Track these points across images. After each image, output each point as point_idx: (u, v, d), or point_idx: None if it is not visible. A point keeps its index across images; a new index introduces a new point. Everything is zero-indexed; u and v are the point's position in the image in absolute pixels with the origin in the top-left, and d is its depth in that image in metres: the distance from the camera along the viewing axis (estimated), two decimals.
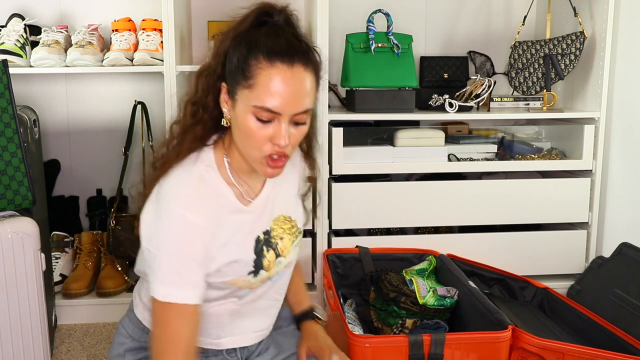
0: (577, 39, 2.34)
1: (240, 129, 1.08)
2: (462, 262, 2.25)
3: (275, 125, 1.06)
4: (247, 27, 1.08)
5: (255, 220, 1.19)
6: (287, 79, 1.03)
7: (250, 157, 1.10)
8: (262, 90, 1.03)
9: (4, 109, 1.60)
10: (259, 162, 1.10)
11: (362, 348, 1.57)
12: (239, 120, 1.07)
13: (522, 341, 1.63)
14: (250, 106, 1.04)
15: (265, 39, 1.05)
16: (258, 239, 1.18)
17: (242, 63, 1.05)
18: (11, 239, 1.52)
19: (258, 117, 1.05)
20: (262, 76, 1.03)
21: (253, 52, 1.04)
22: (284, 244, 1.22)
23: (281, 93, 1.03)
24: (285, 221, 1.24)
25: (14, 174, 1.61)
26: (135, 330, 1.26)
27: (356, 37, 2.28)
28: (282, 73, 1.03)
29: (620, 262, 2.15)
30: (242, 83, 1.05)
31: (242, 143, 1.10)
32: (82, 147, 2.54)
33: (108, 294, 2.22)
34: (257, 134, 1.06)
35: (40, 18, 2.38)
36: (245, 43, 1.06)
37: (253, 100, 1.04)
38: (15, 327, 1.55)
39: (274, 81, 1.03)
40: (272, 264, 1.20)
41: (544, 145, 2.51)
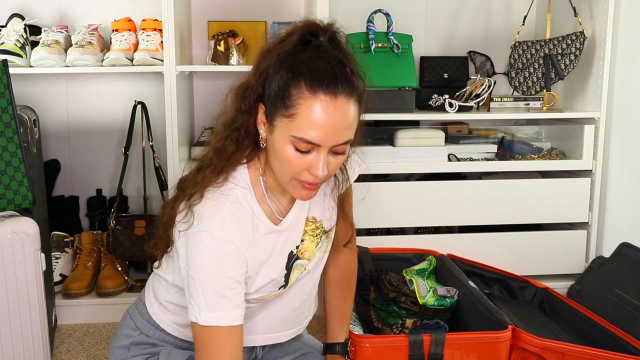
0: (577, 39, 2.34)
1: (277, 155, 1.05)
2: (462, 262, 2.25)
3: (313, 156, 1.03)
4: (290, 48, 1.04)
5: (287, 236, 1.17)
6: (329, 111, 0.99)
7: (283, 181, 1.09)
8: (303, 122, 1.00)
9: (4, 109, 1.60)
10: (293, 186, 1.08)
11: (362, 348, 1.57)
12: (276, 147, 1.04)
13: (522, 341, 1.63)
14: (289, 136, 1.01)
15: (308, 65, 1.01)
16: (291, 254, 1.18)
17: (282, 90, 1.01)
18: (11, 239, 1.52)
19: (296, 147, 1.02)
20: (304, 107, 0.99)
21: (295, 79, 1.00)
22: (305, 246, 1.20)
23: (323, 126, 1.00)
24: (309, 222, 1.21)
25: (14, 174, 1.61)
26: (144, 325, 1.24)
27: (356, 37, 2.28)
28: (325, 105, 0.99)
29: (620, 262, 2.15)
30: (282, 111, 1.01)
31: (277, 167, 1.07)
32: (82, 147, 2.54)
33: (108, 294, 2.22)
34: (295, 163, 1.03)
35: (40, 18, 2.38)
36: (288, 67, 1.02)
37: (293, 130, 1.01)
38: (15, 327, 1.55)
39: (316, 113, 0.99)
40: (293, 273, 1.19)
41: (544, 145, 2.51)
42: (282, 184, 1.10)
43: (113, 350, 1.27)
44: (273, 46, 1.06)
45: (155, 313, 1.24)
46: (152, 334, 1.24)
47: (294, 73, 1.01)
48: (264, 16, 2.51)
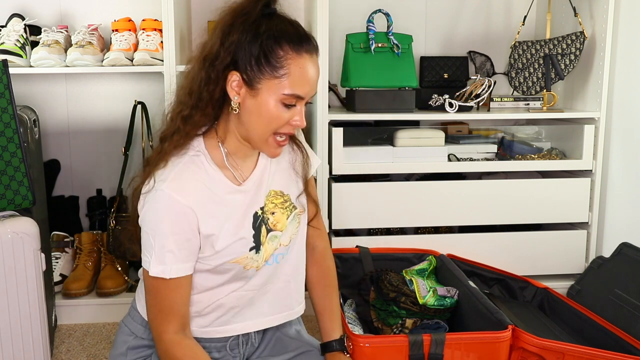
0: (577, 39, 2.34)
1: (261, 115, 1.14)
2: (462, 262, 2.25)
3: (295, 109, 1.16)
4: (255, 17, 1.13)
5: (251, 198, 1.24)
6: (312, 67, 1.15)
7: (261, 139, 1.17)
8: (294, 80, 1.12)
9: (4, 109, 1.60)
10: (268, 144, 1.18)
11: (362, 348, 1.57)
12: (261, 107, 1.14)
13: (522, 341, 1.63)
14: (280, 94, 1.12)
15: (285, 30, 1.13)
16: (256, 215, 1.23)
17: (268, 54, 1.11)
18: (11, 239, 1.52)
19: (285, 103, 1.14)
20: (293, 66, 1.12)
21: (279, 43, 1.12)
22: (276, 218, 1.26)
23: (309, 80, 1.14)
24: (277, 196, 1.28)
25: (14, 174, 1.61)
26: (137, 328, 1.28)
27: (356, 37, 2.28)
28: (309, 62, 1.14)
29: (620, 262, 2.15)
30: (270, 73, 1.12)
31: (256, 127, 1.16)
32: (82, 147, 2.54)
33: (108, 294, 2.22)
34: (280, 118, 1.14)
35: (40, 18, 2.38)
36: (268, 34, 1.12)
37: (284, 89, 1.12)
38: (15, 327, 1.55)
39: (304, 70, 1.13)
40: (264, 239, 1.24)
41: (544, 145, 2.51)
42: (257, 143, 1.18)
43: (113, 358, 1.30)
44: (234, 19, 1.13)
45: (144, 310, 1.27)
46: (147, 335, 1.27)
47: (276, 38, 1.12)
48: None
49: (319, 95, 2.19)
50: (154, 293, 1.18)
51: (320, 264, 1.43)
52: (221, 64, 1.14)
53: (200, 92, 1.16)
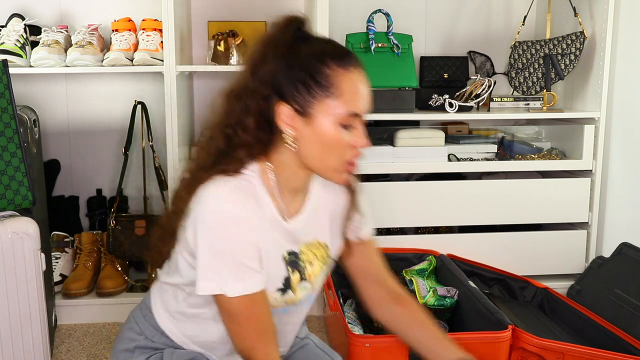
0: (577, 39, 2.34)
1: (321, 142, 1.07)
2: (462, 262, 2.25)
3: (354, 130, 1.08)
4: (290, 43, 1.07)
5: (290, 238, 1.16)
6: (362, 81, 1.07)
7: (328, 167, 1.09)
8: (348, 96, 1.05)
9: (4, 109, 1.60)
10: (336, 171, 1.10)
11: (362, 348, 1.57)
12: (320, 134, 1.06)
13: (522, 341, 1.63)
14: (336, 115, 1.05)
15: (324, 49, 1.07)
16: (283, 257, 1.15)
17: (315, 76, 1.04)
18: (11, 239, 1.52)
19: (343, 124, 1.06)
20: (345, 82, 1.05)
21: (323, 62, 1.05)
22: (313, 270, 1.19)
23: (363, 95, 1.07)
24: (320, 247, 1.21)
25: (14, 174, 1.61)
26: (150, 330, 1.23)
27: (356, 37, 2.28)
28: (358, 76, 1.07)
29: (620, 262, 2.15)
30: (322, 95, 1.05)
31: (320, 156, 1.08)
32: (82, 147, 2.54)
33: (108, 294, 2.22)
34: (342, 142, 1.07)
35: (40, 18, 2.38)
36: (307, 57, 1.06)
37: (340, 107, 1.05)
38: (15, 327, 1.55)
39: (356, 84, 1.06)
40: (296, 286, 1.17)
41: (544, 145, 2.51)
42: (323, 172, 1.11)
43: (116, 353, 1.25)
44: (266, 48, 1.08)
45: (166, 324, 1.22)
46: (157, 339, 1.22)
47: (318, 58, 1.05)
48: (264, 16, 2.51)
49: None
50: (244, 317, 1.06)
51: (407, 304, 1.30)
52: (255, 97, 1.06)
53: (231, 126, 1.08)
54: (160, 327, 1.22)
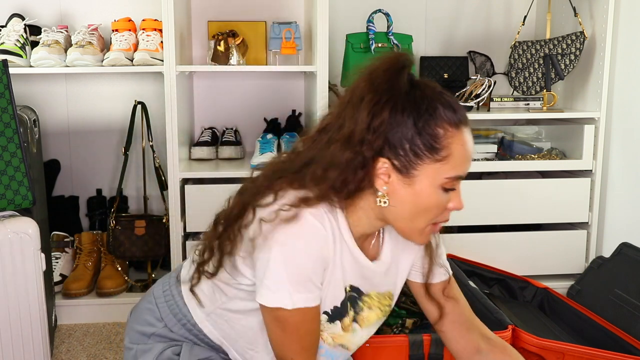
0: (577, 39, 2.34)
1: (416, 204, 1.00)
2: (462, 262, 2.25)
3: (453, 192, 1.03)
4: (404, 91, 0.98)
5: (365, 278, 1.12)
6: (470, 141, 1.01)
7: (415, 229, 1.04)
8: (457, 160, 0.99)
9: (4, 109, 1.60)
10: (422, 233, 1.05)
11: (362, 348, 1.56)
12: (418, 196, 1.00)
13: (522, 341, 1.63)
14: (442, 179, 0.99)
15: (436, 101, 0.98)
16: (345, 288, 1.10)
17: (428, 136, 0.97)
18: (11, 239, 1.52)
19: (446, 188, 1.00)
20: (455, 145, 0.98)
21: (436, 120, 0.97)
22: (369, 316, 1.15)
23: (469, 157, 1.01)
24: (387, 298, 1.17)
25: (14, 174, 1.61)
26: (171, 320, 1.18)
27: (356, 37, 2.28)
28: (468, 137, 1.00)
29: (620, 262, 2.15)
30: (428, 157, 0.97)
31: (410, 217, 1.02)
32: (82, 147, 2.54)
33: (108, 294, 2.22)
34: (439, 205, 1.01)
35: (40, 18, 2.38)
36: (424, 111, 0.97)
37: (447, 172, 0.99)
38: (15, 327, 1.55)
39: (466, 147, 1.00)
40: (348, 326, 1.12)
41: (544, 145, 2.51)
42: (408, 233, 1.05)
43: (131, 332, 1.21)
44: (381, 94, 0.98)
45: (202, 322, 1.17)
46: (177, 330, 1.18)
47: (431, 114, 0.97)
48: (264, 16, 2.51)
49: (319, 96, 2.19)
50: (294, 328, 1.02)
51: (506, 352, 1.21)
52: (370, 148, 0.97)
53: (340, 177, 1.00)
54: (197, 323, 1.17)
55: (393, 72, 0.99)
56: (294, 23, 2.33)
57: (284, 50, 2.28)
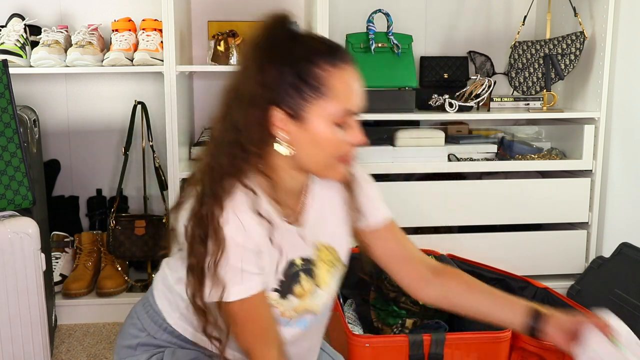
0: (577, 39, 2.34)
1: (316, 144, 1.06)
2: (462, 262, 2.25)
3: (349, 128, 1.07)
4: (281, 44, 1.06)
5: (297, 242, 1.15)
6: (353, 77, 1.06)
7: (323, 166, 1.09)
8: (340, 94, 1.04)
9: (4, 109, 1.60)
10: (332, 168, 1.09)
11: (362, 348, 1.57)
12: (314, 136, 1.05)
13: (522, 341, 1.63)
14: (330, 114, 1.04)
15: (312, 46, 1.05)
16: (293, 263, 1.13)
17: (306, 77, 1.03)
18: (11, 239, 1.52)
19: (337, 123, 1.05)
20: (335, 80, 1.03)
21: (313, 62, 1.03)
22: (322, 275, 1.18)
23: (355, 91, 1.06)
24: (326, 250, 1.20)
25: (14, 174, 1.61)
26: (152, 327, 1.22)
27: (356, 37, 2.28)
28: (349, 73, 1.05)
29: (620, 262, 2.15)
30: (314, 96, 1.03)
31: (315, 157, 1.08)
32: (82, 147, 2.54)
33: (108, 294, 2.22)
34: (338, 140, 1.06)
35: (40, 18, 2.38)
36: (298, 58, 1.04)
37: (332, 107, 1.03)
38: (15, 327, 1.55)
39: (347, 82, 1.05)
40: (307, 294, 1.15)
41: (544, 145, 2.51)
42: (319, 171, 1.11)
43: (119, 350, 1.25)
44: (261, 54, 1.07)
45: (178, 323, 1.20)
46: (160, 335, 1.21)
47: (308, 58, 1.04)
48: (263, 16, 2.51)
49: None
50: (244, 320, 1.07)
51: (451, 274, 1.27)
52: (261, 102, 1.04)
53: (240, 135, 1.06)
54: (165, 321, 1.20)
55: (270, 29, 1.08)
56: (294, 23, 2.32)
57: None
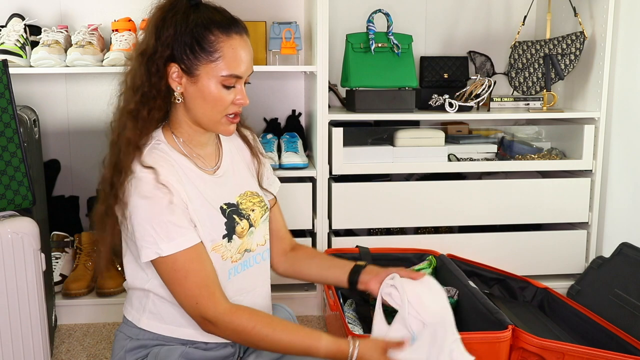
0: (577, 39, 2.34)
1: (205, 99, 1.21)
2: (462, 262, 2.25)
3: (236, 89, 1.22)
4: (184, 10, 1.19)
5: (220, 190, 1.27)
6: (244, 47, 1.21)
7: (212, 121, 1.23)
8: (229, 60, 1.19)
9: (4, 109, 1.60)
10: (221, 123, 1.24)
11: None
12: (204, 92, 1.20)
13: (522, 341, 1.63)
14: (219, 76, 1.19)
15: (211, 17, 1.19)
16: (222, 209, 1.24)
17: (201, 41, 1.18)
18: (11, 239, 1.52)
19: (224, 85, 1.20)
20: (226, 48, 1.18)
21: (208, 29, 1.18)
22: (255, 215, 1.30)
23: (243, 59, 1.20)
24: (254, 196, 1.33)
25: (14, 174, 1.61)
26: (132, 331, 1.27)
27: (356, 37, 2.28)
28: (239, 43, 1.20)
29: (620, 262, 2.15)
30: (205, 58, 1.18)
31: (204, 111, 1.22)
32: (82, 147, 2.54)
33: (108, 294, 2.22)
34: (224, 99, 1.21)
35: (40, 18, 2.38)
36: (196, 24, 1.18)
37: (221, 70, 1.19)
38: (15, 327, 1.55)
39: (236, 50, 1.19)
40: (245, 232, 1.27)
41: (544, 145, 2.51)
42: (208, 125, 1.24)
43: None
44: (164, 13, 1.20)
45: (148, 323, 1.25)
46: (142, 336, 1.26)
47: (205, 25, 1.18)
48: (264, 16, 2.51)
49: (319, 96, 2.19)
50: (182, 275, 1.15)
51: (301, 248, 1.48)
52: (160, 57, 1.19)
53: (143, 87, 1.21)
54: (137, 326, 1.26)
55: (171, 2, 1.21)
56: (294, 23, 2.33)
57: (284, 50, 2.28)
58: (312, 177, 2.27)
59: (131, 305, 1.28)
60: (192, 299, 1.16)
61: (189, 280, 1.15)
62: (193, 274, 1.15)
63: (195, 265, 1.15)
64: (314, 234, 2.29)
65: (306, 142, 2.49)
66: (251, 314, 1.18)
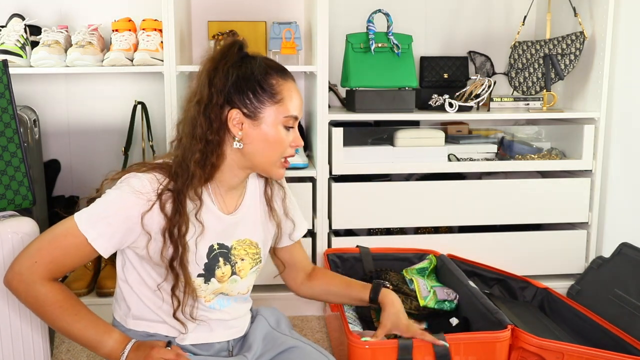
0: (577, 39, 2.34)
1: (267, 141, 1.26)
2: (462, 262, 2.25)
3: (292, 131, 1.30)
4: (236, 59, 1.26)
5: (223, 231, 1.31)
6: (297, 90, 1.30)
7: (269, 163, 1.29)
8: (289, 102, 1.27)
9: (4, 109, 1.60)
10: (276, 166, 1.30)
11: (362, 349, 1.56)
12: (267, 134, 1.26)
13: (521, 341, 1.63)
14: (281, 118, 1.26)
15: (267, 65, 1.28)
16: (212, 248, 1.29)
17: (263, 86, 1.25)
18: (11, 239, 1.52)
19: (285, 126, 1.27)
20: (285, 91, 1.27)
21: (269, 75, 1.26)
22: (243, 265, 1.34)
23: (299, 101, 1.29)
24: (251, 246, 1.36)
25: (14, 174, 1.61)
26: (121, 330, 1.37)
27: (356, 37, 2.28)
28: (294, 86, 1.30)
29: (620, 262, 2.15)
30: (269, 101, 1.25)
31: (264, 153, 1.27)
32: (82, 147, 2.54)
33: (108, 294, 2.22)
34: (284, 141, 1.28)
35: (40, 18, 2.38)
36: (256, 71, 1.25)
37: (283, 112, 1.26)
38: (15, 327, 1.55)
39: (293, 93, 1.28)
40: (225, 277, 1.31)
41: (544, 145, 2.51)
42: (266, 168, 1.30)
43: None
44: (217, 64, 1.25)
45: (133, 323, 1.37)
46: (131, 335, 1.35)
47: (265, 72, 1.26)
48: (264, 16, 2.51)
49: (319, 96, 2.19)
50: (59, 239, 1.20)
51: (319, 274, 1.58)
52: (217, 105, 1.23)
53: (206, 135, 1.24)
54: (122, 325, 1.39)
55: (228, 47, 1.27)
56: (294, 23, 2.33)
57: (284, 50, 2.28)
58: (312, 177, 2.27)
59: (119, 306, 1.39)
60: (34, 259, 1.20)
61: (50, 245, 1.19)
62: (58, 251, 1.19)
63: (69, 252, 1.19)
64: (314, 234, 2.29)
65: (306, 142, 2.49)
66: (63, 292, 1.22)
